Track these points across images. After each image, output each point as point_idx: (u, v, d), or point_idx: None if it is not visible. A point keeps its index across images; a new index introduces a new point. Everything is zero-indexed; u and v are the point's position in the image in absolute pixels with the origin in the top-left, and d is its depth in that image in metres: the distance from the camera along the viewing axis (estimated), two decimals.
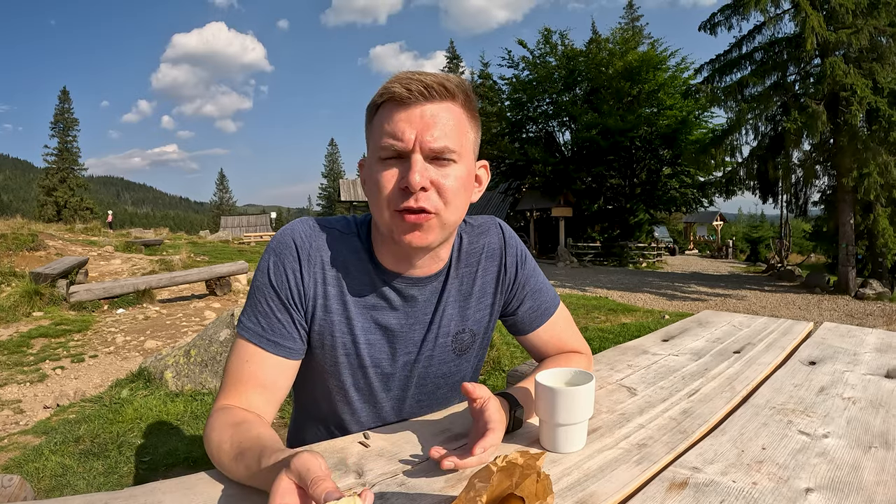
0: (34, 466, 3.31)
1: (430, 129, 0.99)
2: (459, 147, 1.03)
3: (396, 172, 1.01)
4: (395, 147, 0.99)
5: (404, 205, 1.00)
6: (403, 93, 0.98)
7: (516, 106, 27.07)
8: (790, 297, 13.41)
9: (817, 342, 1.84)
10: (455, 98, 1.03)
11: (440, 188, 1.01)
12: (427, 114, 0.99)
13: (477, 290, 1.24)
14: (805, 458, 1.01)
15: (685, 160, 21.30)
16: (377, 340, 1.17)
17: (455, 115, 1.03)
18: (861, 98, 12.97)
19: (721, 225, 43.91)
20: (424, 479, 0.95)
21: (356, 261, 1.14)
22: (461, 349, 1.25)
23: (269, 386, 1.08)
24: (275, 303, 1.09)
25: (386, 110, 1.01)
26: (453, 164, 1.02)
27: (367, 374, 1.19)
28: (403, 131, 0.98)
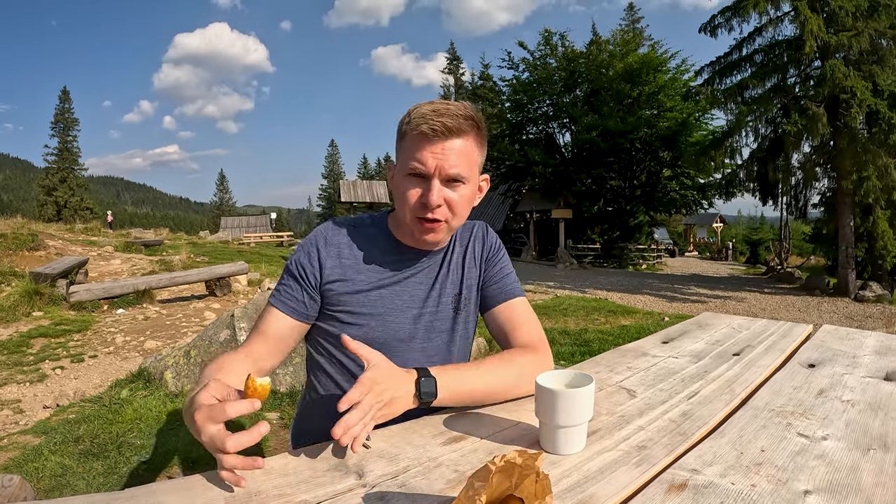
0: (34, 466, 3.30)
1: (447, 160, 1.27)
2: (469, 172, 1.32)
3: (419, 190, 1.31)
4: (419, 170, 1.28)
5: (424, 215, 1.32)
6: (429, 132, 1.26)
7: (516, 107, 27.08)
8: (790, 299, 13.42)
9: (817, 345, 1.85)
10: (468, 133, 1.31)
11: (451, 203, 1.32)
12: (447, 148, 1.28)
13: (468, 261, 1.55)
14: (804, 460, 1.01)
15: (685, 162, 21.31)
16: (389, 293, 1.43)
17: (467, 148, 1.31)
18: (861, 100, 12.98)
19: (721, 227, 43.90)
20: (424, 480, 0.95)
21: (372, 241, 1.45)
22: (458, 307, 1.52)
23: (280, 337, 1.37)
24: (290, 280, 1.40)
25: (414, 141, 1.29)
26: (462, 185, 1.32)
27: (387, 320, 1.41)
28: (427, 160, 1.27)
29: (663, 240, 33.82)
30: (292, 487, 0.92)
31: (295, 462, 1.02)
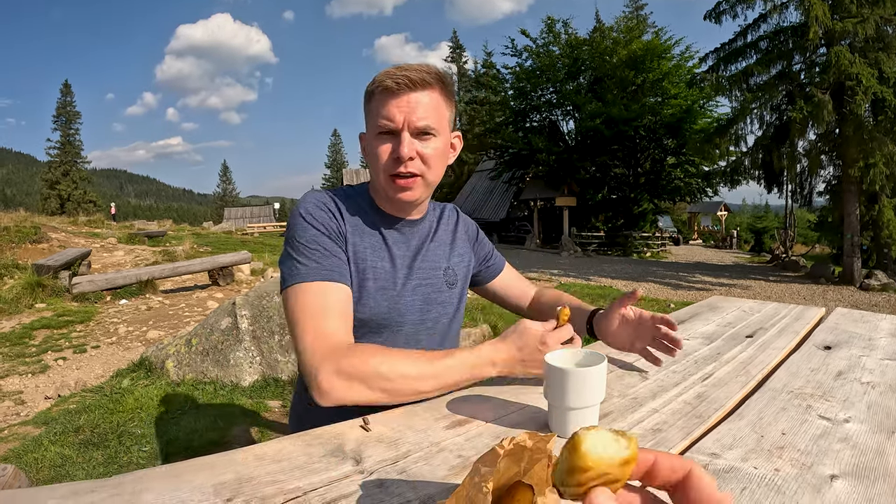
0: (33, 457, 3.28)
1: (415, 112, 1.27)
2: (438, 125, 1.32)
3: (389, 147, 1.30)
4: (388, 126, 1.28)
5: (397, 170, 1.30)
6: (393, 86, 1.26)
7: (520, 95, 26.94)
8: (795, 287, 13.35)
9: (831, 327, 1.80)
10: (433, 87, 1.30)
11: (423, 156, 1.31)
12: (413, 100, 1.27)
13: (458, 239, 1.61)
14: (827, 443, 0.98)
15: (690, 149, 21.20)
16: (387, 267, 1.40)
17: (434, 100, 1.31)
18: (867, 88, 12.86)
19: (725, 215, 43.82)
20: (426, 465, 0.90)
21: (357, 211, 1.41)
22: (450, 282, 1.53)
23: (346, 313, 1.26)
24: (326, 243, 1.30)
25: (380, 98, 1.29)
26: (433, 138, 1.32)
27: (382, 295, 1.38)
28: (394, 115, 1.27)
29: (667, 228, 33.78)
30: (286, 474, 0.87)
31: (289, 447, 0.97)
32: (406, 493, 0.82)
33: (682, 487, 0.43)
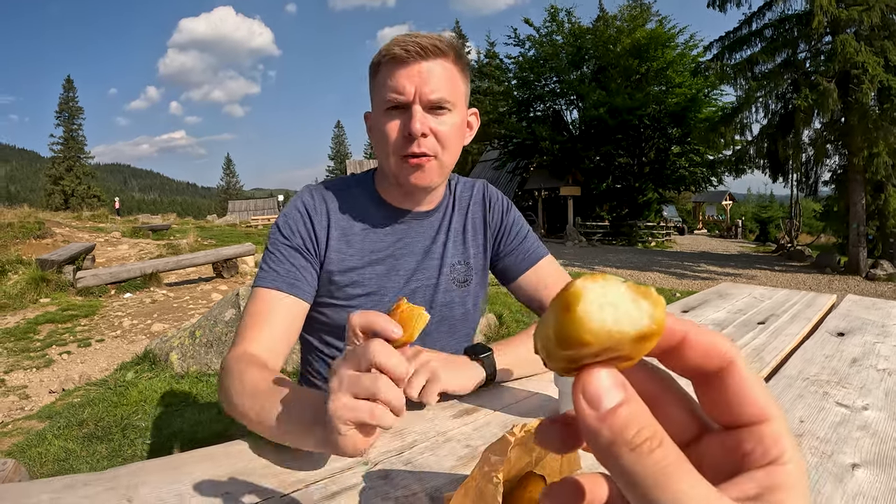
0: (37, 451, 3.28)
1: (427, 83, 1.13)
2: (453, 98, 1.17)
3: (399, 123, 1.15)
4: (397, 100, 1.13)
5: (409, 150, 1.15)
6: (402, 53, 1.12)
7: (523, 84, 26.81)
8: (800, 276, 13.29)
9: (843, 314, 1.78)
10: (447, 55, 1.16)
11: (438, 134, 1.16)
12: (424, 70, 1.13)
13: (469, 227, 1.40)
14: (847, 431, 0.96)
15: (694, 138, 21.09)
16: (384, 270, 1.28)
17: (448, 70, 1.16)
18: (873, 76, 12.74)
19: (730, 205, 43.69)
20: (433, 456, 0.88)
21: (355, 205, 1.29)
22: (460, 280, 1.37)
23: (287, 326, 1.15)
24: (288, 251, 1.20)
25: (387, 69, 1.14)
26: (448, 113, 1.17)
27: (376, 301, 1.27)
28: (404, 86, 1.12)
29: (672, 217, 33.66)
30: (287, 465, 0.84)
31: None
32: (412, 484, 0.79)
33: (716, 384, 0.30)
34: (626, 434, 0.25)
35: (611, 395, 0.26)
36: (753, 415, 0.28)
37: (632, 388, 0.27)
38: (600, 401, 0.26)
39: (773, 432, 0.28)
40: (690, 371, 0.30)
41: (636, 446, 0.25)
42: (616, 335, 0.26)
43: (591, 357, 0.27)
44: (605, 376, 0.27)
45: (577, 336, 0.26)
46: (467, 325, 1.43)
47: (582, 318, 0.26)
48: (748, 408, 0.28)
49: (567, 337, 0.27)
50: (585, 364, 0.28)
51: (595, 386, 0.27)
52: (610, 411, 0.26)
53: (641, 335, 0.27)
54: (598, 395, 0.26)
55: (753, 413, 0.28)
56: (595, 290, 0.27)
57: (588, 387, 0.27)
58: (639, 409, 0.26)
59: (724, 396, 0.29)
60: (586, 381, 0.27)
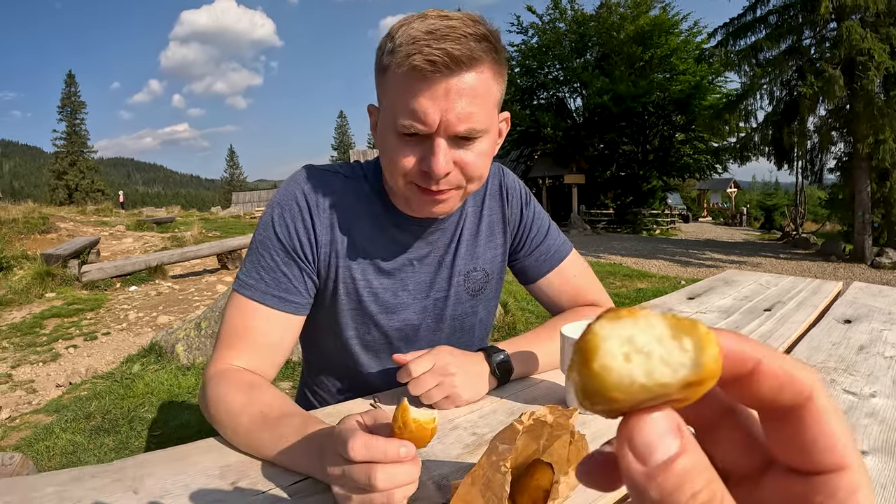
0: (44, 445, 3.30)
1: (454, 109, 0.89)
2: (486, 121, 0.94)
3: (415, 156, 0.94)
4: (416, 129, 0.90)
5: (429, 187, 0.95)
6: (426, 67, 0.86)
7: (526, 72, 26.69)
8: (806, 264, 13.24)
9: (850, 301, 1.76)
10: (483, 61, 0.91)
11: (465, 167, 0.96)
12: (452, 90, 0.88)
13: (484, 228, 1.21)
14: (855, 418, 0.96)
15: (699, 126, 20.97)
16: (391, 284, 1.13)
17: (482, 84, 0.91)
18: (878, 63, 12.64)
19: (735, 192, 43.52)
20: (439, 444, 0.88)
21: (365, 204, 1.10)
22: (475, 289, 1.21)
23: (275, 344, 1.02)
24: (280, 256, 1.03)
25: (404, 80, 0.90)
26: (479, 141, 0.95)
27: (380, 321, 1.14)
28: (426, 112, 0.88)
29: (677, 205, 33.57)
30: None
31: None
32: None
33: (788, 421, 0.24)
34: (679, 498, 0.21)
35: (664, 445, 0.22)
36: (829, 463, 0.23)
37: (689, 434, 0.23)
38: (650, 454, 0.22)
39: (848, 485, 0.23)
40: (760, 404, 0.25)
41: None
42: (654, 389, 0.22)
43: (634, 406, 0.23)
44: (660, 422, 0.22)
45: (603, 394, 0.22)
46: (481, 332, 1.31)
47: (602, 375, 0.22)
48: (824, 455, 0.23)
49: (593, 394, 0.22)
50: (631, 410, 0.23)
51: (645, 435, 0.22)
52: (660, 467, 0.21)
53: (687, 383, 0.22)
54: (647, 446, 0.22)
55: (829, 461, 0.23)
56: (617, 336, 0.22)
57: (636, 436, 0.22)
58: (696, 465, 0.22)
59: (797, 437, 0.24)
60: (635, 428, 0.22)
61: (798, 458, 0.24)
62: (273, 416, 0.83)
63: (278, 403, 0.87)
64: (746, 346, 0.24)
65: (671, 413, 0.23)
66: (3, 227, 10.92)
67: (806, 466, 0.24)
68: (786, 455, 0.25)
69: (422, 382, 0.98)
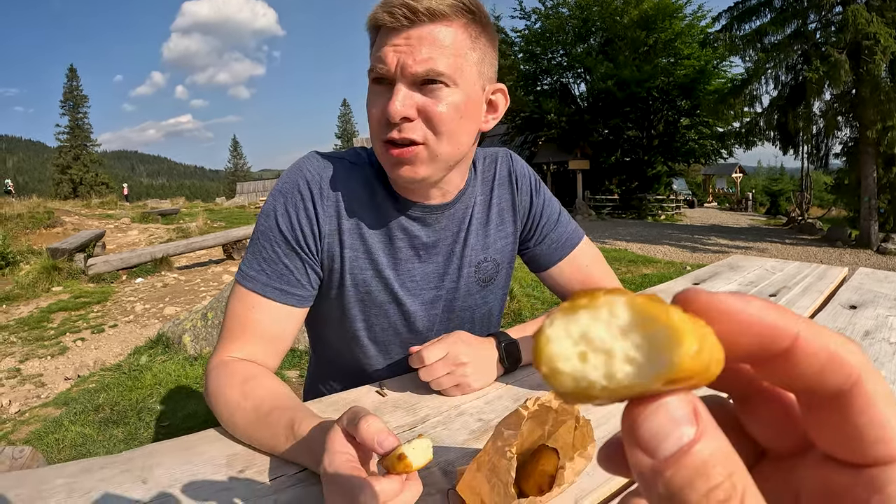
0: (54, 438, 3.32)
1: (414, 52, 0.90)
2: (452, 70, 0.92)
3: (381, 102, 0.94)
4: (378, 70, 0.92)
5: (388, 136, 0.93)
6: (386, 19, 0.90)
7: (530, 58, 26.52)
8: (811, 250, 13.20)
9: (855, 287, 1.76)
10: (450, 18, 0.92)
11: (429, 116, 0.92)
12: (413, 36, 0.90)
13: (494, 216, 1.18)
14: None
15: (704, 111, 20.83)
16: (398, 275, 1.10)
17: (447, 36, 0.92)
18: (885, 47, 12.51)
19: (740, 177, 43.36)
20: (445, 430, 0.88)
21: (370, 192, 1.07)
22: (485, 280, 1.18)
23: (276, 336, 1.01)
24: (282, 248, 1.01)
25: (378, 35, 0.95)
26: (445, 89, 0.92)
27: (389, 311, 1.12)
28: (386, 55, 0.91)
29: (682, 191, 33.42)
30: None
31: None
32: None
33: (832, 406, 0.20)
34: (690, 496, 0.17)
35: (676, 433, 0.18)
36: (879, 455, 0.20)
37: (708, 418, 0.19)
38: (658, 445, 0.18)
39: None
40: (798, 387, 0.21)
41: None
42: (620, 392, 0.18)
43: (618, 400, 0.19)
44: (671, 406, 0.19)
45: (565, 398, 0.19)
46: (491, 322, 1.28)
47: (554, 379, 0.19)
48: (873, 446, 0.20)
49: (560, 396, 0.19)
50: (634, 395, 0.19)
51: (652, 422, 0.19)
52: (670, 459, 0.18)
53: (667, 380, 0.18)
54: (655, 435, 0.18)
55: (879, 453, 0.20)
56: (568, 333, 0.19)
57: (642, 424, 0.19)
58: (714, 455, 0.18)
59: (842, 425, 0.20)
60: (640, 414, 0.19)
61: (843, 448, 0.21)
62: (264, 412, 0.83)
63: (270, 397, 0.87)
64: (781, 318, 0.20)
65: (686, 395, 0.19)
66: (9, 223, 10.97)
67: (852, 458, 0.21)
68: (828, 444, 0.21)
69: (433, 370, 0.99)
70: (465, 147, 1.00)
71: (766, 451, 0.24)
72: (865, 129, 13.66)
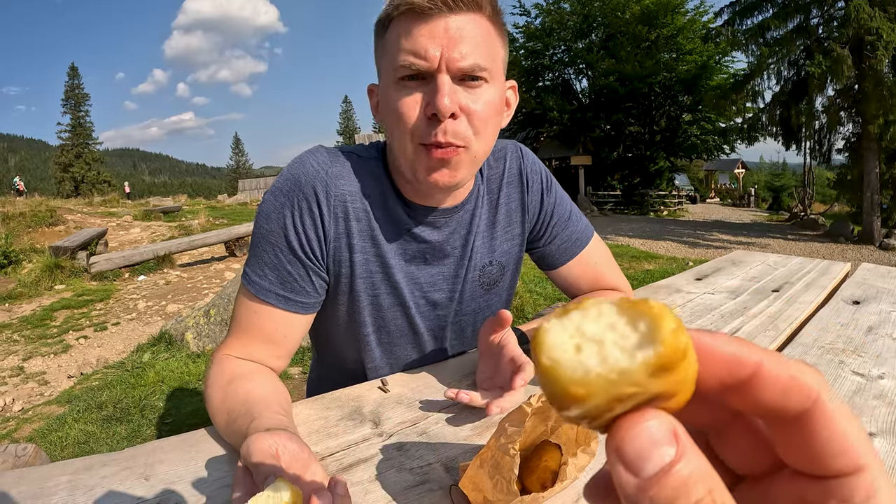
0: (57, 435, 3.33)
1: (457, 45, 0.84)
2: (491, 65, 0.88)
3: (420, 98, 0.86)
4: (416, 66, 0.84)
5: (433, 139, 0.86)
6: (424, 3, 0.82)
7: (531, 54, 26.47)
8: (814, 245, 13.18)
9: (858, 282, 1.75)
10: (482, 9, 0.87)
11: (470, 115, 0.87)
12: (452, 27, 0.84)
13: (502, 218, 1.12)
14: (863, 400, 0.96)
15: (706, 106, 20.85)
16: (406, 279, 1.06)
17: (484, 29, 0.87)
18: (887, 42, 12.49)
19: (743, 173, 43.26)
20: (448, 426, 0.88)
21: (381, 190, 1.01)
22: (489, 283, 1.14)
23: (279, 340, 0.98)
24: (286, 255, 0.95)
25: (402, 24, 0.86)
26: (484, 85, 0.88)
27: (397, 315, 1.09)
28: (426, 48, 0.83)
29: (684, 186, 33.38)
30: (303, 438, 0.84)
31: (306, 411, 0.95)
32: (427, 455, 0.80)
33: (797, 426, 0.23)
34: None
35: (658, 452, 0.20)
36: (843, 466, 0.22)
37: (687, 438, 0.21)
38: (642, 464, 0.20)
39: (866, 487, 0.22)
40: (764, 411, 0.23)
41: None
42: (616, 379, 0.20)
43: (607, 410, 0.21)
44: (653, 426, 0.20)
45: (562, 393, 0.21)
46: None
47: (553, 369, 0.21)
48: (837, 458, 0.22)
49: (555, 397, 0.21)
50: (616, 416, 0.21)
51: (636, 442, 0.20)
52: (654, 477, 0.19)
53: (653, 367, 0.20)
54: (639, 455, 0.20)
55: (843, 464, 0.22)
56: (562, 326, 0.21)
57: (626, 444, 0.20)
58: (694, 472, 0.20)
59: (807, 442, 0.22)
60: (625, 435, 0.21)
61: (810, 463, 0.23)
62: (233, 417, 0.81)
63: (243, 402, 0.83)
64: (743, 349, 0.23)
65: (665, 416, 0.21)
66: (11, 222, 10.98)
67: (819, 471, 0.22)
68: (797, 461, 0.23)
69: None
70: (492, 145, 0.97)
71: (742, 476, 0.26)
72: (868, 125, 13.64)
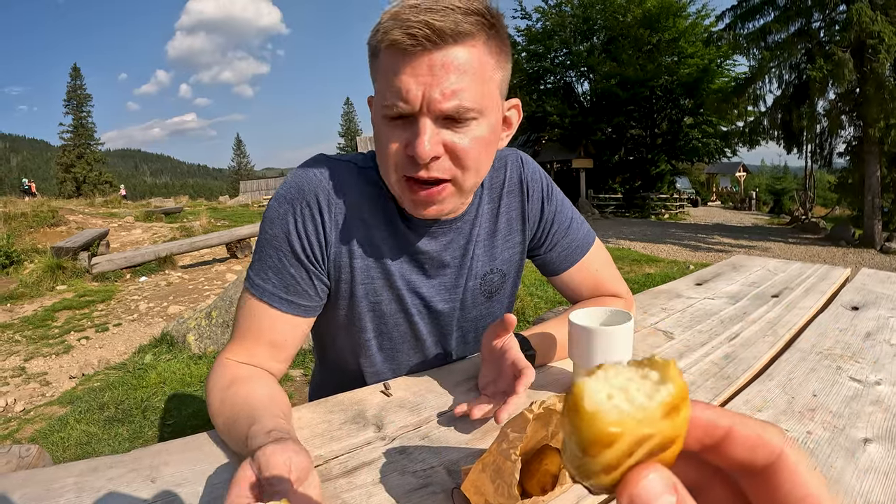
0: (59, 436, 3.34)
1: (440, 84, 0.81)
2: (479, 101, 0.85)
3: (403, 138, 0.87)
4: (399, 109, 0.84)
5: (416, 175, 0.87)
6: (405, 40, 0.80)
7: (532, 57, 26.48)
8: (815, 249, 13.17)
9: (858, 287, 1.76)
10: (473, 36, 0.83)
11: (455, 153, 0.87)
12: (437, 64, 0.81)
13: (502, 227, 1.13)
14: (859, 405, 0.96)
15: (707, 109, 20.84)
16: (408, 287, 1.07)
17: (474, 60, 0.84)
18: (889, 46, 12.47)
19: (744, 176, 43.21)
20: (450, 430, 0.89)
21: (378, 199, 1.02)
22: (490, 291, 1.15)
23: (281, 344, 0.99)
24: (288, 258, 0.97)
25: (388, 57, 0.84)
26: (472, 123, 0.87)
27: (399, 322, 1.10)
28: (408, 89, 0.82)
29: (685, 189, 33.33)
30: (306, 442, 0.86)
31: (308, 415, 0.96)
32: (429, 458, 0.81)
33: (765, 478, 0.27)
34: None
35: (662, 500, 0.24)
36: None
37: (683, 488, 0.25)
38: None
39: None
40: (737, 466, 0.28)
41: None
42: (640, 417, 0.25)
43: (628, 455, 0.25)
44: (655, 478, 0.25)
45: (600, 434, 0.24)
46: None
47: (595, 413, 0.25)
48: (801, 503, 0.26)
49: (592, 441, 0.25)
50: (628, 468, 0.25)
51: (645, 493, 0.24)
52: None
53: (667, 406, 0.25)
54: (647, 500, 0.24)
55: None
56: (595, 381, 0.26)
57: (637, 495, 0.24)
58: None
59: (775, 492, 0.27)
60: (633, 488, 0.25)
61: None
62: (232, 420, 0.82)
63: (242, 405, 0.85)
64: (717, 415, 0.28)
65: (665, 470, 0.25)
66: (13, 222, 10.99)
67: None
68: None
69: None
70: (485, 173, 0.97)
71: None
72: (869, 128, 13.62)
